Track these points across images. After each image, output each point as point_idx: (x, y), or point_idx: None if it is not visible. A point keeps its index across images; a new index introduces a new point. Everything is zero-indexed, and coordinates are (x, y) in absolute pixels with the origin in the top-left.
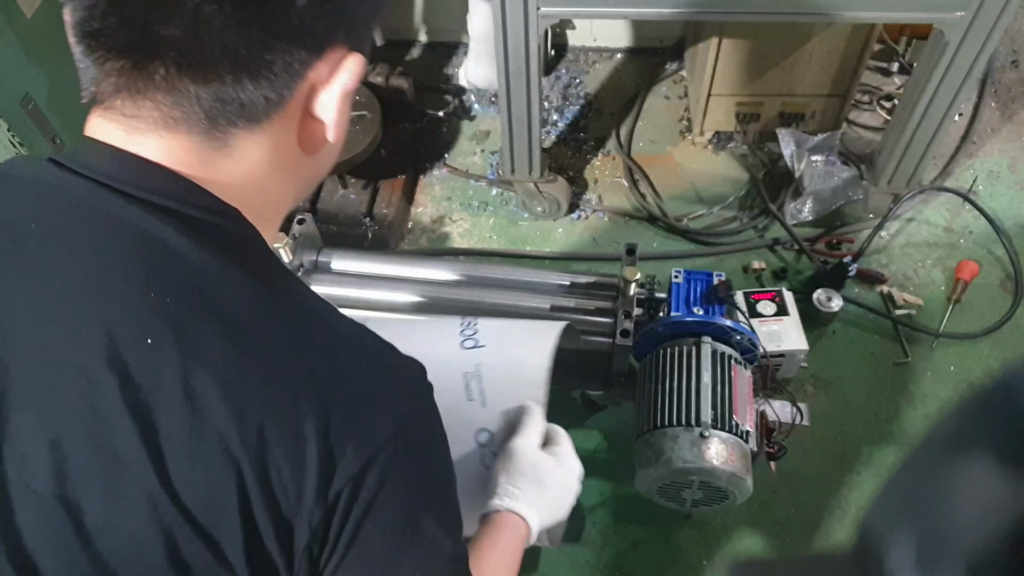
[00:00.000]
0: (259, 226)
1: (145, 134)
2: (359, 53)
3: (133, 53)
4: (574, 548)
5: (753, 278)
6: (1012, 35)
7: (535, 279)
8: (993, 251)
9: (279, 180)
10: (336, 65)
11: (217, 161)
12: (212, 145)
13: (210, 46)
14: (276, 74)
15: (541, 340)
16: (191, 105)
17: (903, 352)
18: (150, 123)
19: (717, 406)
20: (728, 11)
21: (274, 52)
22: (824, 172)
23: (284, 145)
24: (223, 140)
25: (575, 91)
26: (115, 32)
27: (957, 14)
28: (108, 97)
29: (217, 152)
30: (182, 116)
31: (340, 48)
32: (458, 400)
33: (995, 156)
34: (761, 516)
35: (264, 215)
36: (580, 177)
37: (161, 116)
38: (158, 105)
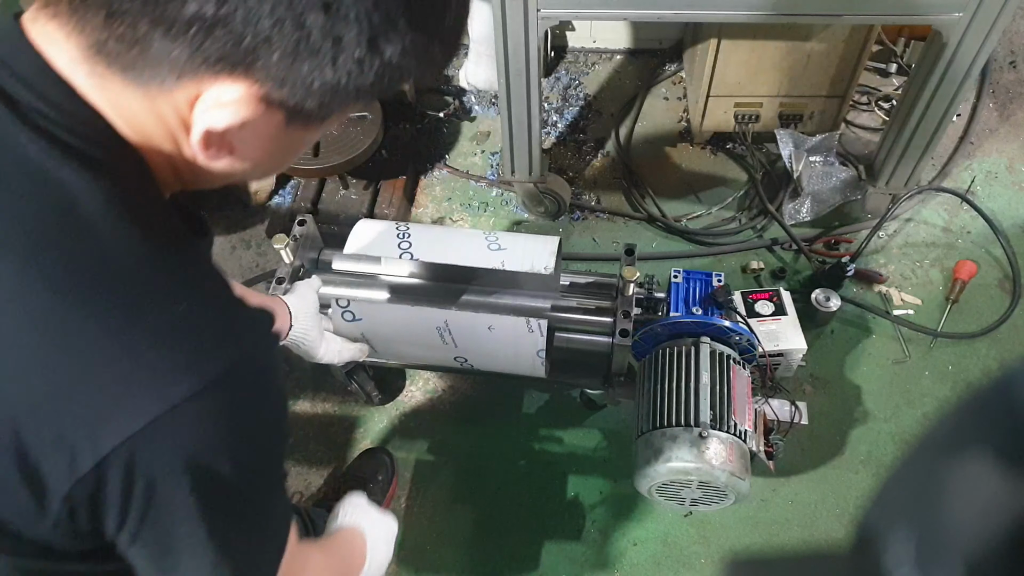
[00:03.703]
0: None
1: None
2: (264, 101)
3: None
4: (574, 546)
5: (752, 278)
6: (1010, 36)
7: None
8: (991, 251)
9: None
10: (217, 99)
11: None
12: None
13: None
14: (152, 57)
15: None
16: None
17: (901, 351)
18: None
19: (716, 406)
20: (727, 12)
21: (151, 39)
22: (822, 173)
23: (170, 131)
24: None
25: (575, 92)
26: None
27: (955, 15)
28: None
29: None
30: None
31: (232, 82)
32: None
33: (993, 156)
34: (760, 515)
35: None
36: (580, 177)
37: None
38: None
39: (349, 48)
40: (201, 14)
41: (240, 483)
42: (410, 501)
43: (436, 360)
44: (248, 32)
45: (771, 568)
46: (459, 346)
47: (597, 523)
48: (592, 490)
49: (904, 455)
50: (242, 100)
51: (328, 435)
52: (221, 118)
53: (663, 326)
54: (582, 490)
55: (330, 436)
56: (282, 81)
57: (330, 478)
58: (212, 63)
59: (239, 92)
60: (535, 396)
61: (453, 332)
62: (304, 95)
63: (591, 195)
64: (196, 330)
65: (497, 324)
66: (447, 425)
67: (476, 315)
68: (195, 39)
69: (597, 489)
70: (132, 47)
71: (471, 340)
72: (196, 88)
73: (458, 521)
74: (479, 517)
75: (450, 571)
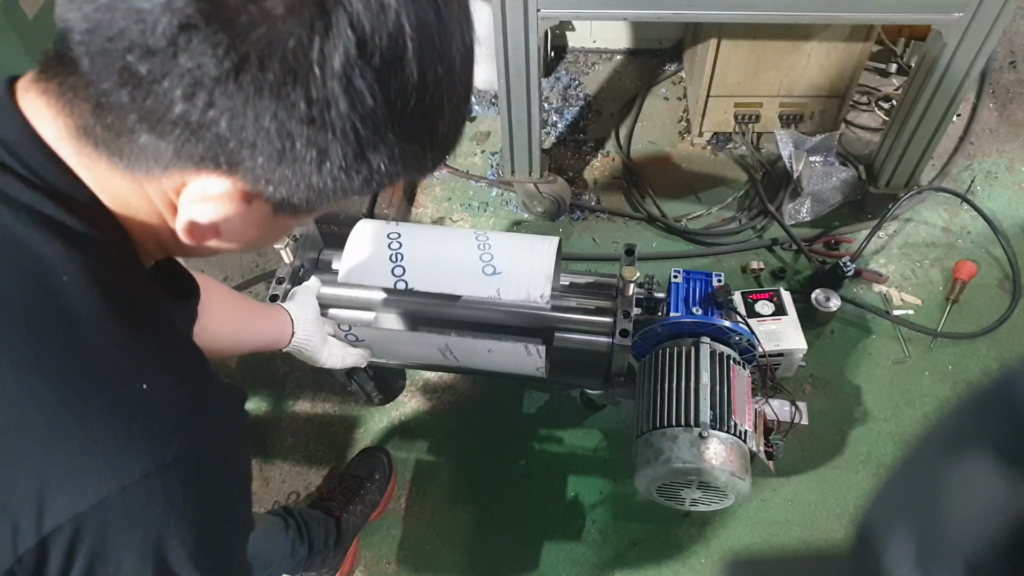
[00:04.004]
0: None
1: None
2: (246, 194)
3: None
4: (574, 546)
5: (752, 278)
6: (1010, 36)
7: None
8: (991, 251)
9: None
10: (203, 192)
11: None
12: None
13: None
14: (138, 149)
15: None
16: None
17: (901, 351)
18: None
19: (716, 406)
20: (727, 12)
21: (137, 131)
22: (822, 173)
23: (156, 209)
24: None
25: (575, 92)
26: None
27: (955, 15)
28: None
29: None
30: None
31: (218, 177)
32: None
33: (993, 156)
34: (760, 515)
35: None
36: (580, 177)
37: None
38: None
39: (335, 158)
40: (186, 116)
41: (190, 568)
42: (410, 501)
43: (439, 365)
44: (233, 137)
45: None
46: (461, 360)
47: (597, 523)
48: (592, 490)
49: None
50: (227, 195)
51: (328, 435)
52: (205, 212)
53: (663, 326)
54: (582, 490)
55: (330, 436)
56: (267, 181)
57: (327, 478)
58: (197, 160)
59: (224, 187)
60: (535, 396)
61: (454, 351)
62: (290, 193)
63: (591, 195)
64: (156, 410)
65: (496, 348)
66: (447, 425)
67: (475, 340)
68: (180, 138)
69: (597, 489)
70: (119, 136)
71: (472, 357)
72: (181, 178)
73: (458, 521)
74: (479, 517)
75: (450, 571)
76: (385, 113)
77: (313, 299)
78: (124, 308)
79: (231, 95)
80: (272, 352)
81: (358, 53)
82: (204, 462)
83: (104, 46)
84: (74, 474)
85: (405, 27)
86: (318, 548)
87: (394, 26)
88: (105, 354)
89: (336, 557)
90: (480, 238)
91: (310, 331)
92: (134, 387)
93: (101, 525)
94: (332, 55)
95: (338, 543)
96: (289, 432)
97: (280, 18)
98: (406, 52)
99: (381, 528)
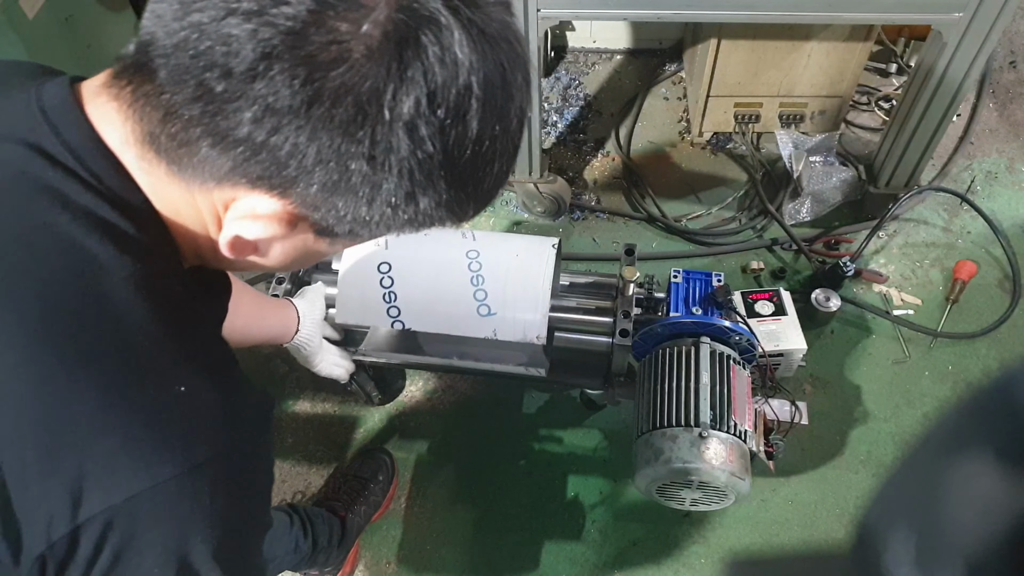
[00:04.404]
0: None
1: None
2: (291, 218)
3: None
4: (574, 546)
5: (752, 278)
6: (1010, 36)
7: None
8: (991, 251)
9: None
10: (252, 209)
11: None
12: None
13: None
14: (197, 161)
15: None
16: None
17: (901, 351)
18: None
19: (716, 406)
20: (727, 12)
21: (199, 144)
22: (822, 173)
23: (202, 219)
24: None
25: (575, 92)
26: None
27: (955, 15)
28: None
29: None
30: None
31: (269, 197)
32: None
33: (993, 156)
34: (760, 515)
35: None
36: (580, 177)
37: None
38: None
39: (386, 195)
40: (251, 137)
41: (211, 564)
42: (410, 501)
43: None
44: (292, 163)
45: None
46: (463, 367)
47: (597, 523)
48: (592, 490)
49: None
50: (275, 216)
51: (328, 435)
52: (252, 230)
53: (663, 326)
54: (582, 490)
55: (330, 436)
56: (316, 207)
57: (330, 478)
58: (253, 179)
59: (273, 208)
60: (535, 396)
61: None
62: (335, 222)
63: (591, 195)
64: (191, 413)
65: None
66: (447, 425)
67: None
68: (240, 156)
69: (597, 489)
70: (181, 146)
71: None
72: (232, 194)
73: (458, 521)
74: (479, 517)
75: (450, 571)
76: (441, 160)
77: (322, 300)
78: (167, 313)
79: (299, 125)
80: (269, 349)
81: (428, 103)
82: (232, 465)
83: (185, 62)
84: (111, 469)
85: (473, 86)
86: (322, 545)
87: (464, 83)
88: (148, 356)
89: (339, 556)
90: (473, 265)
91: (313, 332)
92: (172, 389)
93: (131, 519)
94: (403, 102)
95: (342, 542)
96: (289, 432)
97: (360, 61)
98: (470, 108)
99: (381, 528)
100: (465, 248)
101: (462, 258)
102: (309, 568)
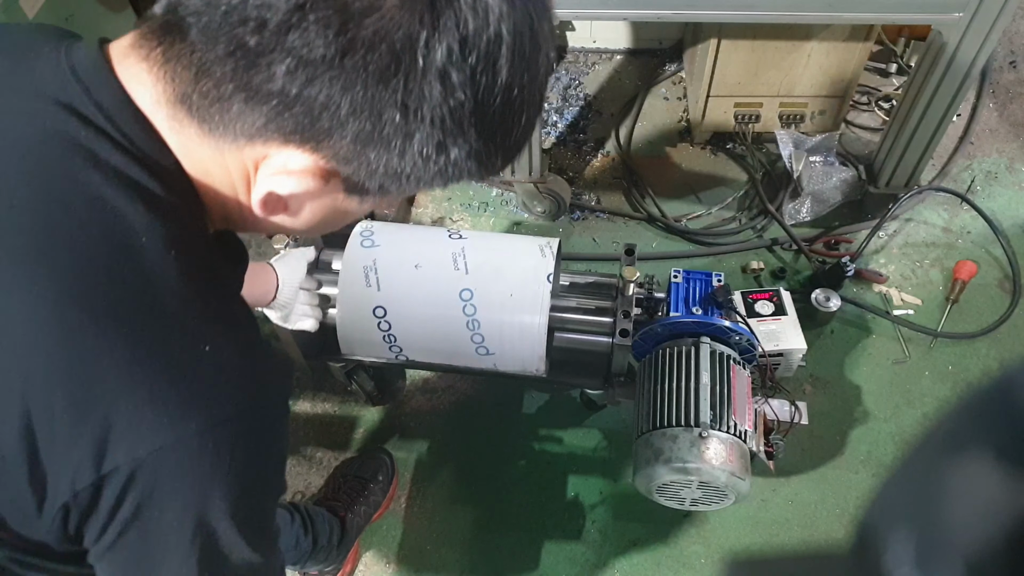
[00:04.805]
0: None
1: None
2: (321, 172)
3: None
4: (574, 546)
5: (752, 278)
6: (1010, 36)
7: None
8: (991, 251)
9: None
10: (285, 165)
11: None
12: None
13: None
14: (229, 118)
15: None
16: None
17: (901, 351)
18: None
19: (716, 406)
20: (727, 12)
21: (233, 99)
22: (822, 173)
23: (231, 180)
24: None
25: (575, 92)
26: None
27: (955, 15)
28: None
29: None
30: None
31: (301, 152)
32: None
33: (993, 156)
34: (760, 515)
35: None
36: (580, 177)
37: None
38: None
39: (418, 145)
40: (285, 91)
41: (228, 521)
42: (410, 501)
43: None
44: (325, 115)
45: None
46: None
47: (597, 523)
48: (592, 490)
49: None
50: (308, 170)
51: (328, 435)
52: (285, 185)
53: (663, 326)
54: (582, 490)
55: (330, 436)
56: (348, 160)
57: (330, 478)
58: (286, 133)
59: (305, 163)
60: (535, 396)
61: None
62: (366, 176)
63: (591, 195)
64: (215, 372)
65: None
66: (447, 425)
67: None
68: (273, 111)
69: (597, 489)
70: (213, 104)
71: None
72: (264, 151)
73: (458, 521)
74: (479, 517)
75: (450, 571)
76: (472, 109)
77: (303, 265)
78: (194, 273)
79: (333, 76)
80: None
81: (460, 50)
82: (253, 424)
83: (217, 18)
84: (136, 423)
85: (503, 34)
86: (322, 543)
87: (494, 31)
88: (176, 315)
89: (339, 556)
90: (468, 309)
91: (291, 297)
92: (198, 348)
93: (153, 473)
94: (436, 49)
95: (342, 542)
96: (289, 432)
97: (393, 9)
98: (500, 56)
99: (381, 528)
100: (459, 287)
101: (456, 300)
102: (309, 566)
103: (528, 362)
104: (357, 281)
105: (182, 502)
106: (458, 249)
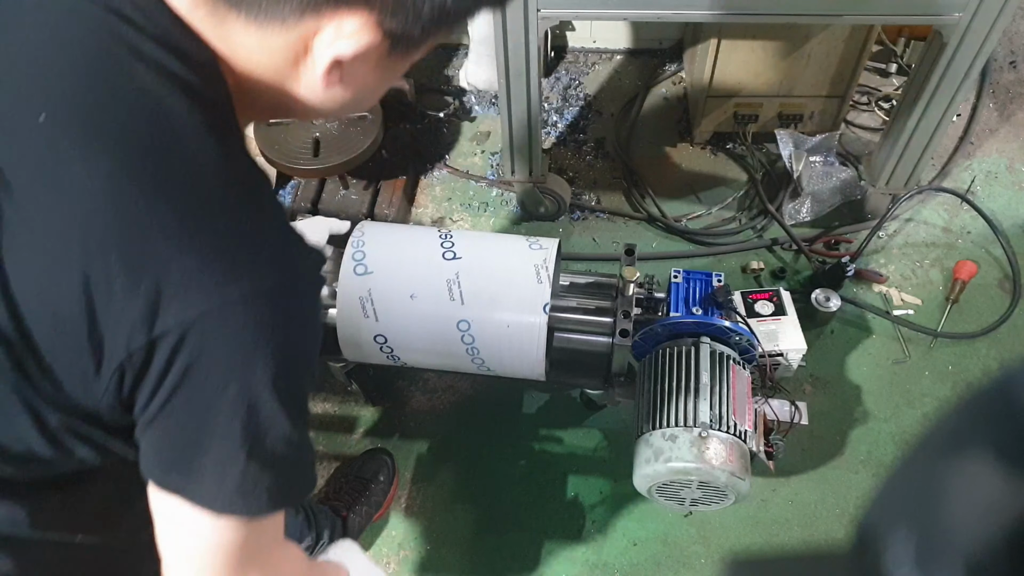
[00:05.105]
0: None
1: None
2: (379, 39)
3: None
4: (574, 546)
5: (752, 278)
6: (1010, 36)
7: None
8: (991, 251)
9: (267, 84)
10: (339, 31)
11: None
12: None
13: None
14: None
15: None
16: None
17: (901, 351)
18: None
19: (716, 406)
20: (727, 12)
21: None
22: (822, 173)
23: (277, 65)
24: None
25: (575, 92)
26: None
27: (955, 15)
28: None
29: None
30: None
31: (352, 15)
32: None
33: (993, 156)
34: (760, 515)
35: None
36: (579, 177)
37: None
38: None
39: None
40: None
41: (270, 391)
42: (410, 501)
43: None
44: None
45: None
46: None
47: (597, 523)
48: (592, 490)
49: (904, 455)
50: (361, 29)
51: (328, 435)
52: (347, 47)
53: (663, 326)
54: (582, 490)
55: (330, 436)
56: (394, 10)
57: (331, 478)
58: (334, 1)
59: (358, 22)
60: (535, 396)
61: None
62: (413, 21)
63: (591, 195)
64: (257, 244)
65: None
66: (447, 425)
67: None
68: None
69: (597, 489)
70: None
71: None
72: (316, 24)
73: (458, 521)
74: (479, 517)
75: (450, 571)
76: None
77: (325, 234)
78: (232, 159)
79: None
80: None
81: None
82: (293, 299)
83: None
84: (186, 287)
85: None
86: (324, 541)
87: None
88: (219, 192)
89: None
90: (466, 338)
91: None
92: (241, 224)
93: (201, 336)
94: None
95: None
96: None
97: None
98: None
99: (381, 528)
100: (455, 318)
101: (454, 331)
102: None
103: (530, 374)
104: (355, 312)
105: (226, 367)
106: (452, 275)
